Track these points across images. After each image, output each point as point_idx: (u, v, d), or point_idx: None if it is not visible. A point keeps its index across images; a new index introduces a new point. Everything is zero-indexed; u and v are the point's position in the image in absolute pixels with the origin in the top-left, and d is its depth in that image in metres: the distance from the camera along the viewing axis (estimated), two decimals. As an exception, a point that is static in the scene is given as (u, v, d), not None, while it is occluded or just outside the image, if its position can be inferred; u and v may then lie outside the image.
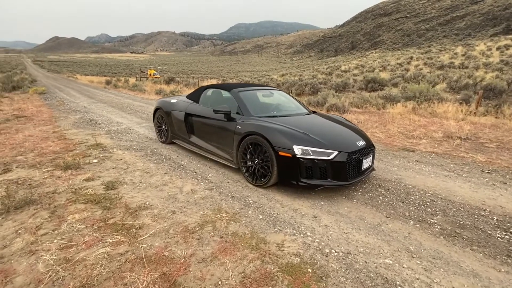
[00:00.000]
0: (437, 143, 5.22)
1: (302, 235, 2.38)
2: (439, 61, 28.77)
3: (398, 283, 1.85)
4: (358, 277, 1.89)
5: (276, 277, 1.88)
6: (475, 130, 6.02)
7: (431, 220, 2.63)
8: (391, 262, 2.05)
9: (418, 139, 5.54)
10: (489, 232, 2.45)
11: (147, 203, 2.90)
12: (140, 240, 2.26)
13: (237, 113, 3.81)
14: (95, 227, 2.43)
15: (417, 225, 2.55)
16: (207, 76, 50.04)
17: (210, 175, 3.74)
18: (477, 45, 41.44)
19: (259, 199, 3.03)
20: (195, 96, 4.76)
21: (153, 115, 5.52)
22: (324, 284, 1.83)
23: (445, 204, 2.95)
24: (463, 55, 33.27)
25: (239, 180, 3.56)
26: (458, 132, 5.79)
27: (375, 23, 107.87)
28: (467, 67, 22.80)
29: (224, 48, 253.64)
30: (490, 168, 3.99)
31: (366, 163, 3.27)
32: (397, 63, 33.57)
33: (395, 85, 15.72)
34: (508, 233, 2.43)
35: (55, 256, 2.04)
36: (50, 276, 1.84)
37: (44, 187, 3.20)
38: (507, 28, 57.35)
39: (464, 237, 2.38)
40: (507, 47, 33.15)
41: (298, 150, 2.96)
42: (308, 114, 4.18)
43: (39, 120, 7.23)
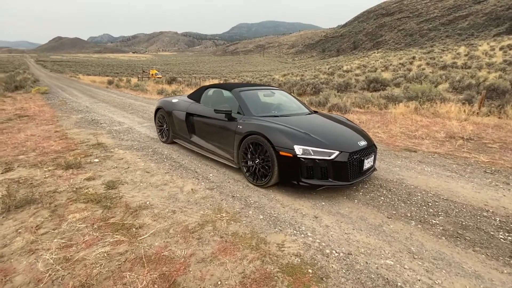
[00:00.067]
0: (440, 144, 5.19)
1: (302, 235, 2.37)
2: (442, 61, 28.64)
3: (399, 284, 1.83)
4: (358, 278, 1.88)
5: (276, 277, 1.87)
6: (478, 130, 5.97)
7: (433, 221, 2.61)
8: (392, 263, 2.03)
9: (420, 139, 5.51)
10: (492, 233, 2.43)
11: (148, 202, 2.89)
12: (140, 239, 2.26)
13: (238, 112, 3.80)
14: (95, 226, 2.42)
15: (419, 225, 2.53)
16: (209, 76, 50.11)
17: (210, 174, 3.73)
18: (480, 45, 41.20)
19: (259, 199, 3.02)
20: (196, 96, 4.76)
21: (154, 114, 5.52)
22: (325, 284, 1.81)
23: (447, 204, 2.93)
24: (466, 55, 33.09)
25: (239, 180, 3.55)
26: (461, 132, 5.75)
27: (377, 23, 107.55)
28: (470, 67, 22.68)
29: (226, 48, 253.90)
30: (493, 168, 3.95)
31: (367, 163, 3.25)
32: (400, 63, 33.46)
33: (397, 85, 15.66)
34: (511, 234, 2.40)
35: (55, 255, 2.03)
36: (49, 275, 1.84)
37: (45, 186, 3.21)
38: (510, 28, 57.00)
39: (466, 238, 2.35)
40: (510, 47, 32.94)
41: (299, 150, 2.94)
42: (310, 114, 4.16)
43: (41, 119, 7.25)
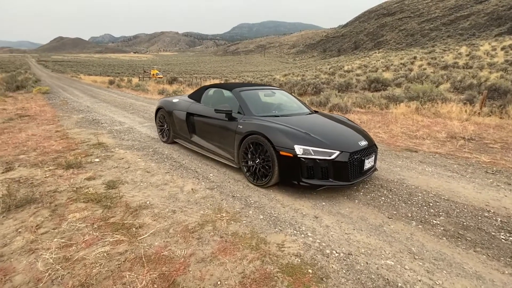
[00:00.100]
0: (441, 144, 5.17)
1: (303, 235, 2.36)
2: (443, 61, 28.58)
3: (399, 284, 1.82)
4: (359, 278, 1.87)
5: (276, 277, 1.86)
6: (479, 130, 5.95)
7: (434, 221, 2.60)
8: (392, 263, 2.02)
9: (421, 139, 5.50)
10: (493, 233, 2.41)
11: (148, 202, 2.89)
12: (140, 239, 2.25)
13: (238, 112, 3.80)
14: (95, 226, 2.42)
15: (420, 226, 2.52)
16: (209, 76, 50.14)
17: (211, 174, 3.73)
18: (481, 45, 41.10)
19: (260, 199, 3.01)
20: (196, 96, 4.75)
21: (155, 114, 5.52)
22: (325, 285, 1.80)
23: (448, 205, 2.92)
24: (467, 55, 33.01)
25: (240, 180, 3.55)
26: (462, 132, 5.73)
27: (379, 23, 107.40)
28: (471, 67, 22.62)
29: (227, 48, 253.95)
30: (494, 169, 3.94)
31: (368, 163, 3.24)
32: (401, 63, 33.40)
33: (398, 85, 15.63)
34: (513, 234, 2.39)
35: (54, 254, 2.03)
36: (49, 274, 1.84)
37: (46, 186, 3.21)
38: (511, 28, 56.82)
39: (467, 238, 2.34)
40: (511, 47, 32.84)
41: (299, 149, 2.94)
42: (310, 114, 4.15)
43: (42, 119, 7.27)
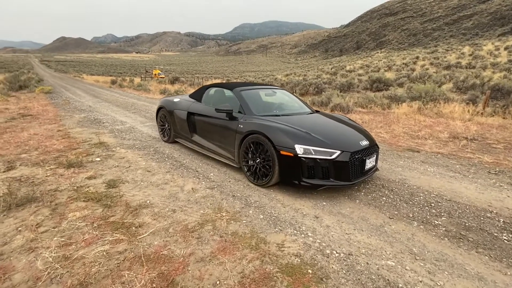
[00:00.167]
0: (443, 144, 5.13)
1: (303, 235, 2.35)
2: (446, 61, 28.41)
3: (400, 285, 1.80)
4: (359, 279, 1.85)
5: (275, 277, 1.85)
6: (482, 130, 5.91)
7: (435, 222, 2.57)
8: (393, 264, 2.01)
9: (424, 139, 5.46)
10: (495, 234, 2.39)
11: (148, 201, 2.89)
12: (140, 238, 2.25)
13: (239, 112, 3.79)
14: (95, 225, 2.42)
15: (421, 226, 2.50)
16: (211, 76, 50.17)
17: (211, 174, 3.72)
18: (484, 45, 40.81)
19: (260, 199, 3.00)
20: (197, 95, 4.75)
21: (156, 114, 5.53)
22: (324, 285, 1.79)
23: (450, 205, 2.89)
24: (470, 55, 32.79)
25: (240, 180, 3.54)
26: (465, 132, 5.69)
27: (381, 22, 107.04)
28: (474, 67, 22.47)
29: (228, 48, 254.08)
30: (497, 169, 3.90)
31: (369, 163, 3.22)
32: (403, 63, 33.24)
33: (400, 85, 15.55)
34: (515, 235, 2.37)
35: (54, 253, 2.03)
36: (48, 273, 1.84)
37: (47, 185, 3.22)
38: (515, 27, 56.38)
39: (469, 239, 2.32)
40: (515, 47, 32.57)
41: (300, 149, 2.92)
42: (311, 114, 4.14)
43: (45, 118, 7.29)
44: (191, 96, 4.95)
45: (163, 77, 41.19)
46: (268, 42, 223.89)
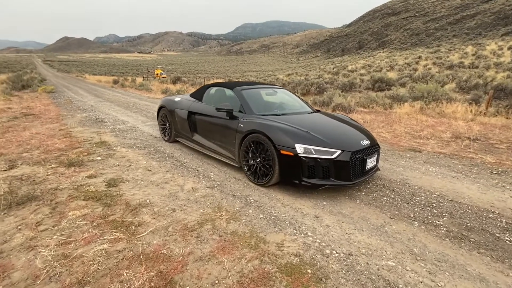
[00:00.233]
0: (445, 144, 5.10)
1: (302, 235, 2.33)
2: (449, 61, 28.25)
3: (400, 286, 1.78)
4: (359, 279, 1.84)
5: (274, 277, 1.84)
6: (484, 130, 5.86)
7: (436, 222, 2.55)
8: (394, 264, 1.99)
9: (425, 139, 5.43)
10: (498, 235, 2.36)
11: (148, 200, 2.89)
12: (139, 237, 2.25)
13: (239, 111, 3.78)
14: (94, 223, 2.42)
15: (422, 226, 2.48)
16: (213, 76, 50.21)
17: (211, 173, 3.72)
18: (488, 45, 40.53)
19: (260, 198, 2.99)
20: (198, 95, 4.75)
21: (157, 113, 5.53)
22: (324, 285, 1.78)
23: (452, 205, 2.87)
24: (473, 54, 32.59)
25: (240, 179, 3.53)
26: (467, 132, 5.65)
27: (383, 22, 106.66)
28: (477, 67, 22.32)
29: (230, 48, 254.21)
30: (500, 169, 3.87)
31: (370, 163, 3.20)
32: (405, 63, 33.09)
33: (402, 85, 15.49)
34: (518, 236, 2.34)
35: (53, 252, 2.03)
36: (47, 271, 1.84)
37: (47, 184, 3.22)
38: (519, 27, 55.97)
39: (471, 239, 2.30)
40: (519, 46, 32.32)
41: (300, 148, 2.91)
42: (312, 113, 4.12)
43: (47, 118, 7.32)
44: (192, 95, 4.95)
45: (165, 77, 41.27)
46: (270, 42, 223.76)
